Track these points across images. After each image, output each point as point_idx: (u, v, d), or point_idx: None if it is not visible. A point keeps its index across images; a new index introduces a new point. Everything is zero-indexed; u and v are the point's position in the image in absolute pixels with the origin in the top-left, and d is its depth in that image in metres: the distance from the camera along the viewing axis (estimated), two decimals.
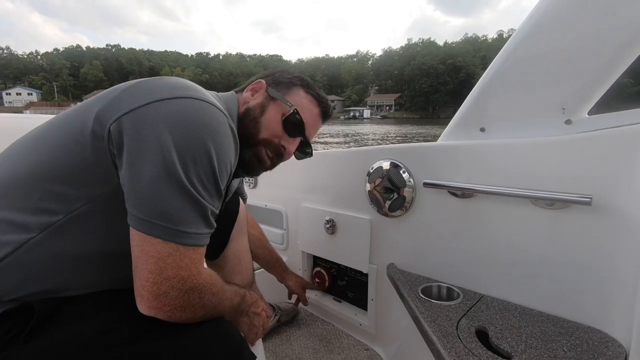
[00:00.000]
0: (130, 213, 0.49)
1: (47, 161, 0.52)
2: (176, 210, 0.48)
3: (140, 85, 0.55)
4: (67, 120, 0.55)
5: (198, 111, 0.52)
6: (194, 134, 0.50)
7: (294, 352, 1.19)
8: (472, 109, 0.93)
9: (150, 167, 0.47)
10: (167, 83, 0.55)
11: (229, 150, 0.56)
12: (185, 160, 0.49)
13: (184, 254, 0.49)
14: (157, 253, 0.48)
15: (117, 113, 0.50)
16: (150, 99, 0.51)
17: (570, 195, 0.72)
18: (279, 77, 0.76)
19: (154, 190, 0.47)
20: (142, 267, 0.48)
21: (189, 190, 0.49)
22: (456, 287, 0.94)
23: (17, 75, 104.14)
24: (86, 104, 0.55)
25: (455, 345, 0.69)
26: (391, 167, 1.05)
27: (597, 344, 0.69)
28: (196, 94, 0.54)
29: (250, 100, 0.72)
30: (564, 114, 0.79)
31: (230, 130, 0.57)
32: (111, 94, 0.54)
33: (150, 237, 0.48)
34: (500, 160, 0.85)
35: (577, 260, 0.76)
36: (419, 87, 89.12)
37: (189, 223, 0.50)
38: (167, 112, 0.50)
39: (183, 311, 0.50)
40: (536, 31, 0.80)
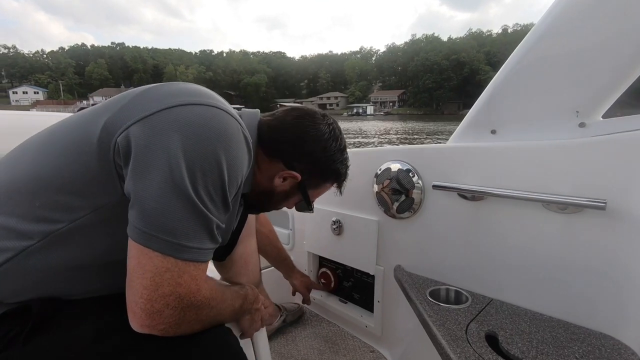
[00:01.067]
0: (130, 223, 0.46)
1: (51, 169, 0.50)
2: (179, 223, 0.46)
3: (150, 92, 0.53)
4: (74, 128, 0.53)
5: (210, 118, 0.50)
6: (205, 143, 0.48)
7: (300, 352, 1.19)
8: (483, 110, 0.91)
9: (156, 176, 0.45)
10: (179, 89, 0.53)
11: (241, 161, 0.53)
12: (193, 170, 0.46)
13: (183, 270, 0.46)
14: (155, 268, 0.45)
15: (126, 122, 0.48)
16: (160, 107, 0.49)
17: (584, 199, 0.71)
18: (317, 170, 0.72)
19: (157, 201, 0.45)
20: (137, 282, 0.45)
21: (195, 202, 0.46)
22: (465, 290, 0.93)
23: (23, 74, 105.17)
24: (94, 111, 0.54)
25: (465, 349, 0.69)
26: (400, 169, 1.04)
27: (610, 351, 0.68)
28: (209, 101, 0.52)
29: (279, 186, 0.70)
30: (578, 117, 0.78)
31: (245, 139, 0.54)
32: (120, 101, 0.52)
33: (149, 250, 0.45)
34: (511, 163, 0.84)
35: (590, 266, 0.75)
36: (422, 83, 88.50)
37: (192, 237, 0.47)
38: (178, 120, 0.48)
39: (178, 328, 0.48)
40: (550, 33, 0.78)
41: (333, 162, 0.72)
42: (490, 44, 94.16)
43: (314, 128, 0.69)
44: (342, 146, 0.74)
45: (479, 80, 74.15)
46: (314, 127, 0.69)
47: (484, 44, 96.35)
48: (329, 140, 0.70)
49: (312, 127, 0.69)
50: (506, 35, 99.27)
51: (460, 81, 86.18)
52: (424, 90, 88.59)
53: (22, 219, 0.49)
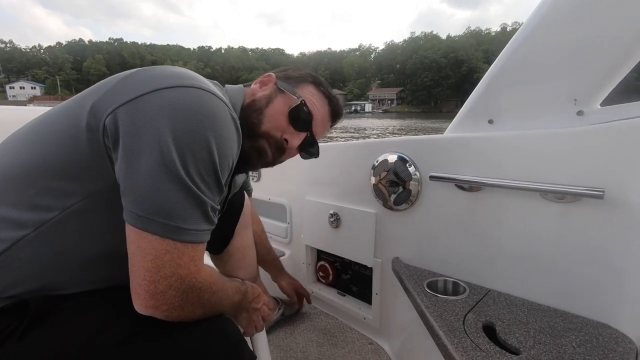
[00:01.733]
0: (126, 209, 0.47)
1: (42, 156, 0.50)
2: (174, 206, 0.46)
3: (136, 76, 0.53)
4: (62, 114, 0.53)
5: (198, 100, 0.50)
6: (194, 125, 0.48)
7: (298, 345, 1.19)
8: (480, 100, 0.91)
9: (147, 160, 0.45)
10: (164, 72, 0.53)
11: (230, 142, 0.53)
12: (183, 153, 0.46)
13: (182, 252, 0.47)
14: (154, 250, 0.46)
15: (112, 105, 0.48)
16: (146, 89, 0.49)
17: (582, 188, 0.71)
18: (290, 73, 0.75)
19: (150, 184, 0.45)
20: (139, 265, 0.46)
21: (188, 184, 0.47)
22: (462, 281, 0.93)
23: (20, 69, 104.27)
24: (81, 96, 0.53)
25: (462, 340, 0.68)
26: (397, 160, 1.03)
27: (607, 340, 0.68)
28: (195, 83, 0.52)
29: (258, 92, 0.70)
30: (576, 105, 0.77)
31: (233, 121, 0.54)
32: (106, 85, 0.52)
33: (147, 233, 0.45)
34: (508, 153, 0.83)
35: (587, 255, 0.75)
36: (420, 81, 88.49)
37: (188, 219, 0.47)
38: (165, 102, 0.48)
39: (181, 310, 0.49)
40: (547, 20, 0.77)
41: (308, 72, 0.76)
42: (488, 42, 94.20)
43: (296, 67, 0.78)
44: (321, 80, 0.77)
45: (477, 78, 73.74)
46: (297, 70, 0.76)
47: (483, 42, 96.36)
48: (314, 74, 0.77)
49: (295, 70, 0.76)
50: (505, 33, 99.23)
51: (459, 79, 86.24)
52: (422, 88, 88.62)
53: (16, 208, 0.49)
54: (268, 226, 1.57)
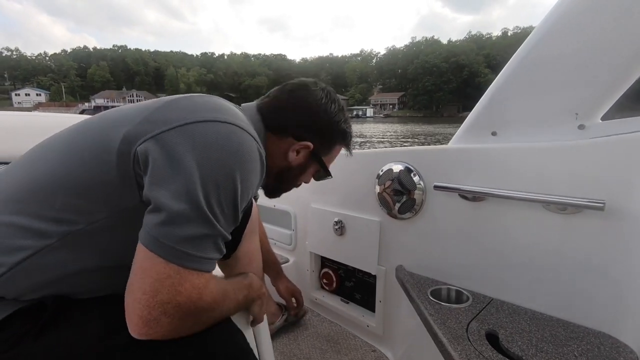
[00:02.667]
0: (143, 227, 0.48)
1: (72, 174, 0.52)
2: (187, 232, 0.46)
3: (170, 106, 0.55)
4: (95, 135, 0.54)
5: (227, 136, 0.51)
6: (222, 160, 0.49)
7: (302, 352, 1.20)
8: (484, 112, 0.93)
9: (172, 186, 0.47)
10: (197, 104, 0.55)
11: (254, 177, 0.55)
12: (207, 182, 0.48)
13: (185, 278, 0.46)
14: (156, 273, 0.45)
15: (145, 136, 0.50)
16: (178, 122, 0.50)
17: (583, 200, 0.72)
18: (325, 133, 0.74)
19: (170, 209, 0.46)
20: (137, 286, 0.46)
21: (205, 212, 0.47)
22: (466, 290, 0.94)
23: (26, 76, 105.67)
24: (113, 120, 0.55)
25: (465, 347, 0.70)
26: (401, 170, 1.05)
27: (609, 350, 0.69)
28: (227, 117, 0.54)
29: (294, 160, 0.72)
30: (577, 119, 0.79)
31: (259, 155, 0.56)
32: (140, 113, 0.54)
33: (153, 254, 0.45)
34: (511, 164, 0.85)
35: (589, 265, 0.76)
36: (422, 85, 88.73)
37: (198, 246, 0.47)
38: (195, 136, 0.49)
39: (178, 333, 0.49)
40: (550, 35, 0.80)
41: (337, 122, 0.75)
42: (490, 47, 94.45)
43: (310, 96, 0.71)
44: (340, 106, 0.76)
45: (478, 83, 74.23)
46: (310, 96, 0.71)
47: (484, 46, 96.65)
48: (328, 103, 0.72)
49: (309, 95, 0.71)
50: (506, 38, 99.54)
51: (460, 83, 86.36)
52: (423, 92, 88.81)
53: (42, 219, 0.50)
54: (273, 233, 1.59)
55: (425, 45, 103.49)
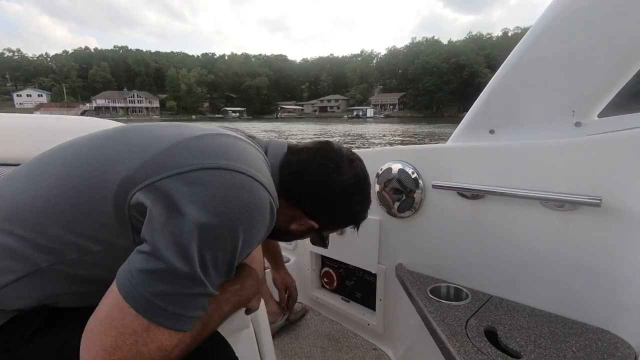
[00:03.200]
0: (125, 264, 0.43)
1: (66, 203, 0.48)
2: (170, 287, 0.41)
3: (175, 149, 0.49)
4: (91, 169, 0.49)
5: (236, 188, 0.46)
6: (226, 215, 0.44)
7: (303, 350, 1.21)
8: (481, 111, 0.94)
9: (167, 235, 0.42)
10: (208, 147, 0.49)
11: (259, 233, 0.50)
12: (205, 239, 0.42)
13: (153, 337, 0.41)
14: (122, 326, 0.40)
15: (143, 182, 0.45)
16: (183, 168, 0.45)
17: (580, 197, 0.73)
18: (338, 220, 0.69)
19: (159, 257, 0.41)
20: (97, 337, 0.40)
21: (197, 272, 0.42)
22: (465, 287, 0.95)
23: (27, 77, 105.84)
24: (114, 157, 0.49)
25: (464, 344, 0.70)
26: (400, 169, 1.06)
27: (607, 345, 0.69)
28: (239, 165, 0.48)
29: (296, 229, 0.66)
30: (574, 116, 0.80)
31: (270, 211, 0.50)
32: (144, 153, 0.48)
33: (125, 303, 0.40)
34: (509, 162, 0.86)
35: (587, 262, 0.77)
36: (422, 85, 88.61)
37: (178, 302, 0.42)
38: (199, 185, 0.44)
39: None
40: (546, 33, 0.80)
41: (354, 212, 0.68)
42: (490, 47, 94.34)
43: (337, 179, 0.62)
44: (366, 194, 0.68)
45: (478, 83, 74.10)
46: (337, 178, 0.62)
47: (484, 47, 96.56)
48: (352, 192, 0.65)
49: (336, 178, 0.62)
50: (506, 38, 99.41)
51: (460, 84, 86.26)
52: (424, 92, 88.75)
53: (32, 246, 0.47)
54: None
55: (426, 46, 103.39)
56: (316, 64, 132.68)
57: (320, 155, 0.64)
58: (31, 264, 0.47)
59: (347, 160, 0.65)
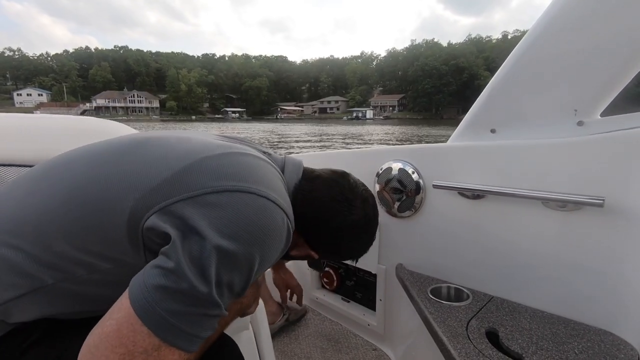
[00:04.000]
0: (139, 276, 0.41)
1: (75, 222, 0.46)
2: (186, 307, 0.40)
3: (197, 169, 0.47)
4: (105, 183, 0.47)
5: (258, 212, 0.45)
6: (245, 238, 0.43)
7: (303, 351, 1.20)
8: (482, 110, 0.93)
9: (184, 255, 0.41)
10: (230, 168, 0.48)
11: (274, 256, 0.50)
12: (224, 261, 0.42)
13: (163, 357, 0.39)
14: (132, 343, 0.38)
15: (163, 201, 0.44)
16: (200, 190, 0.44)
17: (582, 197, 0.72)
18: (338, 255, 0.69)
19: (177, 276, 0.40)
20: (101, 354, 0.38)
21: (213, 295, 0.41)
22: (465, 288, 0.95)
23: (27, 76, 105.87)
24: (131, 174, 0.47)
25: (465, 346, 0.70)
26: (401, 168, 1.05)
27: (609, 347, 0.69)
28: (259, 188, 0.47)
29: (296, 254, 0.65)
30: (576, 115, 0.79)
31: (287, 232, 0.50)
32: (160, 172, 0.46)
33: (137, 319, 0.38)
34: (511, 162, 0.85)
35: (589, 263, 0.76)
36: (422, 87, 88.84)
37: (192, 323, 0.41)
38: (217, 208, 0.43)
39: None
40: (548, 32, 0.80)
41: (357, 250, 0.68)
42: (489, 50, 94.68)
43: (347, 219, 0.61)
44: (372, 234, 0.68)
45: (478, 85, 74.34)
46: (347, 219, 0.61)
47: (484, 49, 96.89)
48: (361, 233, 0.65)
49: (346, 217, 0.61)
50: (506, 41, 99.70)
51: (460, 86, 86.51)
52: (423, 94, 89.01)
53: (37, 262, 0.46)
54: None
55: (425, 48, 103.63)
56: (316, 65, 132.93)
57: (334, 190, 0.62)
58: (36, 281, 0.46)
59: (360, 199, 0.63)
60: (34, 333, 0.50)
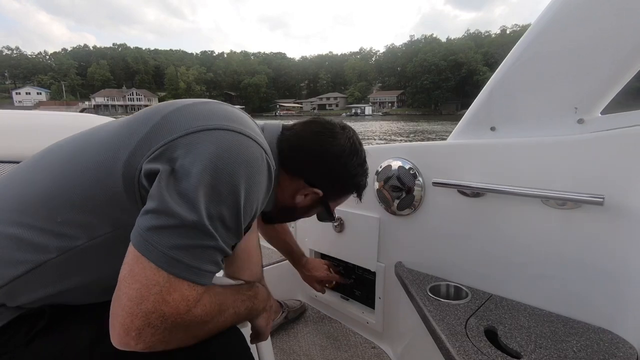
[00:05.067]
0: (136, 227, 0.45)
1: (75, 186, 0.50)
2: (184, 240, 0.44)
3: (179, 114, 0.52)
4: (101, 146, 0.52)
5: (235, 146, 0.49)
6: (227, 170, 0.47)
7: (302, 349, 1.20)
8: (482, 107, 0.92)
9: (175, 194, 0.45)
10: (204, 111, 0.53)
11: (259, 191, 0.53)
12: (211, 194, 0.45)
13: (174, 287, 0.43)
14: (145, 279, 0.42)
15: (150, 149, 0.48)
16: (183, 131, 0.49)
17: (582, 195, 0.72)
18: (339, 186, 0.72)
19: (170, 215, 0.44)
20: (123, 292, 0.43)
21: (205, 225, 0.45)
22: (464, 286, 0.94)
23: (26, 75, 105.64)
24: (122, 131, 0.53)
25: (464, 344, 0.70)
26: (400, 166, 1.05)
27: (608, 345, 0.69)
28: (235, 126, 0.51)
29: (300, 202, 0.70)
30: (576, 113, 0.79)
31: (268, 167, 0.54)
32: (146, 124, 0.51)
33: (144, 258, 0.43)
34: (510, 160, 0.85)
35: (588, 261, 0.76)
36: (420, 83, 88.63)
37: (193, 256, 0.45)
38: (201, 145, 0.47)
39: (166, 345, 0.45)
40: (549, 29, 0.79)
41: (354, 176, 0.72)
42: (488, 45, 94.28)
43: (333, 144, 0.68)
44: (362, 159, 0.73)
45: (476, 81, 74.17)
46: (333, 143, 0.68)
47: (482, 44, 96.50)
48: (350, 155, 0.69)
49: (332, 143, 0.68)
50: (504, 36, 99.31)
51: (458, 82, 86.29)
52: (422, 90, 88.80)
53: (43, 233, 0.49)
54: None
55: (424, 43, 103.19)
56: (315, 61, 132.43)
57: (313, 125, 0.70)
58: (41, 253, 0.48)
59: (339, 127, 0.71)
60: (39, 322, 0.51)
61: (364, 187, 0.77)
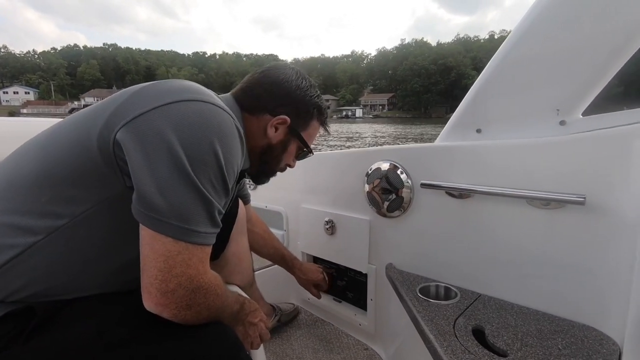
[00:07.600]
0: (141, 212, 0.49)
1: (55, 164, 0.53)
2: (188, 209, 0.49)
3: (146, 91, 0.56)
4: (75, 124, 0.56)
5: (204, 113, 0.53)
6: (201, 136, 0.51)
7: (294, 352, 1.20)
8: (468, 110, 0.94)
9: (163, 168, 0.49)
10: (173, 86, 0.56)
11: (236, 151, 0.57)
12: (194, 161, 0.50)
13: (192, 253, 0.50)
14: (167, 251, 0.49)
15: (123, 120, 0.51)
16: (155, 104, 0.52)
17: (565, 195, 0.74)
18: (300, 107, 0.76)
19: (167, 189, 0.48)
20: (151, 265, 0.49)
21: (200, 189, 0.50)
22: (454, 286, 0.96)
23: (14, 74, 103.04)
24: (95, 108, 0.56)
25: (452, 343, 0.71)
26: (389, 168, 1.06)
27: (592, 342, 0.70)
28: (202, 97, 0.55)
29: (273, 136, 0.74)
30: (559, 115, 0.81)
31: (237, 130, 0.58)
32: (116, 100, 0.55)
33: (162, 235, 0.48)
34: (496, 161, 0.86)
35: (572, 260, 0.78)
36: (411, 86, 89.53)
37: (199, 222, 0.51)
38: (173, 116, 0.51)
39: (189, 309, 0.51)
40: (531, 33, 0.81)
41: (310, 97, 0.77)
42: (476, 49, 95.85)
43: (281, 74, 0.74)
44: (311, 82, 0.79)
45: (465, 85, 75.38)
46: (281, 73, 0.74)
47: (471, 49, 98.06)
48: (299, 79, 0.75)
49: (280, 73, 0.74)
50: (492, 41, 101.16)
51: (448, 85, 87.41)
52: (412, 93, 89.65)
53: (27, 216, 0.51)
54: None
55: (415, 47, 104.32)
56: (307, 64, 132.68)
57: (258, 69, 0.77)
58: (29, 235, 0.50)
59: (281, 63, 0.78)
60: (34, 315, 0.50)
61: (325, 111, 0.82)
